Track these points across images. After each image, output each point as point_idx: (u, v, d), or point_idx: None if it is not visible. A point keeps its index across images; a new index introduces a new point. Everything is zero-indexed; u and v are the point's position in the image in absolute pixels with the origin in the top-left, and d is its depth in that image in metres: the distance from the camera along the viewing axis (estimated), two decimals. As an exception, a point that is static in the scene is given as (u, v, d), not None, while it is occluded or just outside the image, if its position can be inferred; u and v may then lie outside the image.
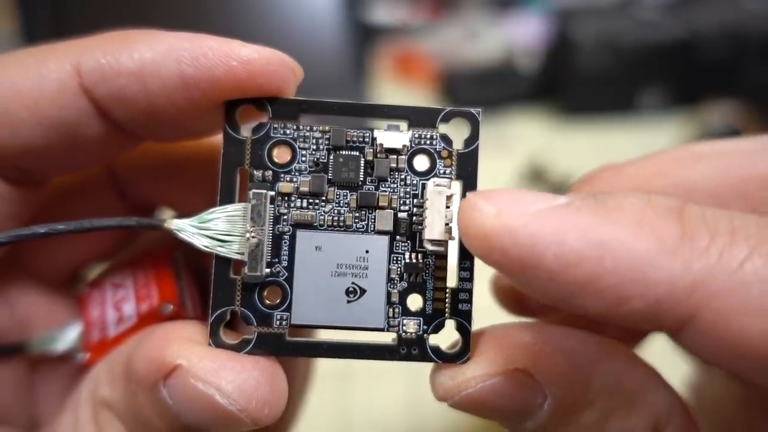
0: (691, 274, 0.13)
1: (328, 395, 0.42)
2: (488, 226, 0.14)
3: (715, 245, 0.13)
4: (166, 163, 0.22)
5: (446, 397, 0.17)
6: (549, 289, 0.14)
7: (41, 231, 0.17)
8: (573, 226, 0.13)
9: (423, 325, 0.17)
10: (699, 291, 0.13)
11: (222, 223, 0.17)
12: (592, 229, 0.13)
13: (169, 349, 0.16)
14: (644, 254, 0.13)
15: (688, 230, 0.13)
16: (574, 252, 0.13)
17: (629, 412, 0.16)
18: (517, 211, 0.14)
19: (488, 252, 0.14)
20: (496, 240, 0.14)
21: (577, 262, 0.13)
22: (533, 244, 0.13)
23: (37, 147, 0.17)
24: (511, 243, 0.14)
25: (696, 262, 0.13)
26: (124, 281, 0.22)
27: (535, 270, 0.14)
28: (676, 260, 0.13)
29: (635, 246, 0.13)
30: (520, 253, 0.14)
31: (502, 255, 0.14)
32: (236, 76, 0.17)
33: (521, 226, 0.14)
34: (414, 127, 0.18)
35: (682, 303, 0.13)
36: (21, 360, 0.21)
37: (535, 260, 0.13)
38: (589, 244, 0.13)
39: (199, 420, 0.16)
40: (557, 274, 0.13)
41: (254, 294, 0.17)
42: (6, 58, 0.17)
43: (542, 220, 0.14)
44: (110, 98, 0.17)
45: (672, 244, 0.13)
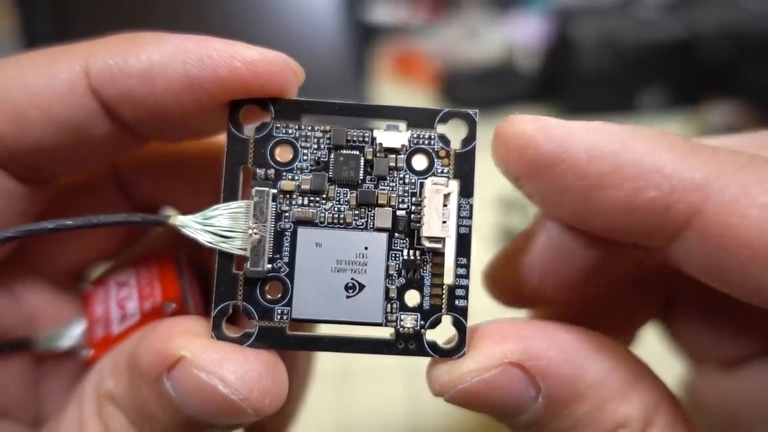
0: (699, 172, 0.15)
1: (328, 395, 0.42)
2: (526, 127, 0.16)
3: (719, 156, 0.15)
4: (170, 163, 0.23)
5: (442, 391, 0.17)
6: (572, 185, 0.16)
7: (50, 226, 0.18)
8: (600, 129, 0.16)
9: (420, 321, 0.18)
10: (706, 186, 0.15)
11: (225, 219, 0.18)
12: (618, 133, 0.16)
13: (172, 341, 0.16)
14: (661, 154, 0.15)
15: (696, 147, 0.15)
16: (602, 146, 0.15)
17: (621, 404, 0.17)
18: (551, 119, 0.16)
19: (523, 149, 0.16)
20: (531, 136, 0.16)
21: (603, 155, 0.15)
22: (565, 138, 0.16)
23: (46, 145, 0.18)
24: (545, 139, 0.16)
25: (704, 165, 0.15)
26: (128, 280, 0.22)
27: (564, 164, 0.16)
28: (688, 161, 0.15)
29: (654, 147, 0.15)
30: (552, 148, 0.16)
31: (536, 150, 0.16)
32: (240, 77, 0.17)
33: (555, 125, 0.16)
34: (413, 128, 0.18)
35: (691, 195, 0.15)
36: (27, 355, 0.22)
37: (566, 153, 0.16)
38: (615, 142, 0.15)
39: (202, 411, 0.16)
40: (585, 165, 0.15)
41: (256, 289, 0.18)
42: (18, 59, 0.18)
43: (575, 123, 0.16)
44: (118, 98, 0.17)
45: (683, 152, 0.15)
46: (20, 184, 0.19)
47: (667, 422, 0.17)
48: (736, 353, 0.24)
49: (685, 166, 0.15)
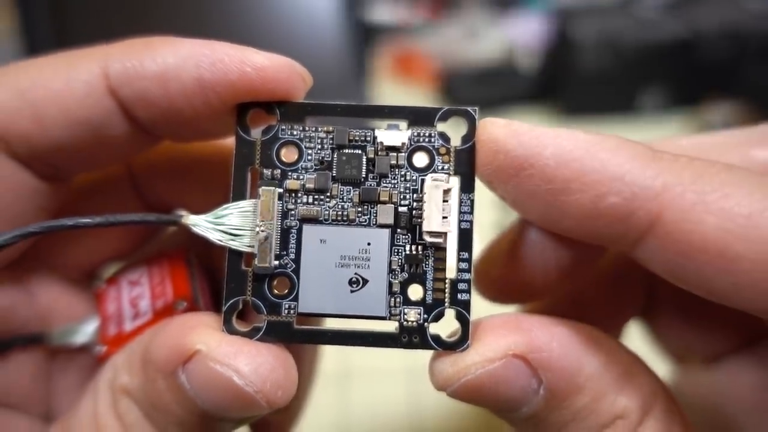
0: (659, 180, 0.16)
1: (328, 395, 0.42)
2: (499, 131, 0.17)
3: (679, 164, 0.16)
4: (181, 165, 0.23)
5: (446, 384, 0.17)
6: (540, 189, 0.17)
7: (69, 223, 0.18)
8: (568, 136, 0.16)
9: (423, 314, 0.18)
10: (665, 193, 0.15)
11: (234, 218, 0.18)
12: (584, 141, 0.16)
13: (188, 336, 0.17)
14: (624, 161, 0.16)
15: (658, 155, 0.16)
16: (567, 152, 0.16)
17: (619, 395, 0.17)
18: (525, 125, 0.17)
19: (494, 154, 0.17)
20: (503, 142, 0.17)
21: (569, 161, 0.16)
22: (534, 144, 0.16)
23: (65, 144, 0.19)
24: (515, 145, 0.17)
25: (664, 171, 0.16)
26: (140, 279, 0.23)
27: (532, 168, 0.16)
28: (649, 169, 0.16)
29: (617, 156, 0.16)
30: (522, 153, 0.17)
31: (506, 156, 0.17)
32: (249, 81, 0.18)
33: (526, 131, 0.17)
34: (413, 126, 0.19)
35: (651, 202, 0.15)
36: (40, 351, 0.22)
37: (534, 158, 0.16)
38: (580, 149, 0.16)
39: (217, 403, 0.17)
40: (551, 170, 0.16)
41: (264, 284, 0.18)
42: (38, 62, 0.19)
43: (544, 129, 0.17)
44: (134, 99, 0.18)
45: (646, 159, 0.16)
46: (40, 181, 0.20)
47: (663, 413, 0.17)
48: (715, 349, 0.24)
49: (645, 173, 0.16)
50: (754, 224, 0.14)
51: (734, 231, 0.14)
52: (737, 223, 0.14)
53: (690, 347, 0.25)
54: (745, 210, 0.14)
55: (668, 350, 0.27)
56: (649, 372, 0.18)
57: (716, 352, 0.24)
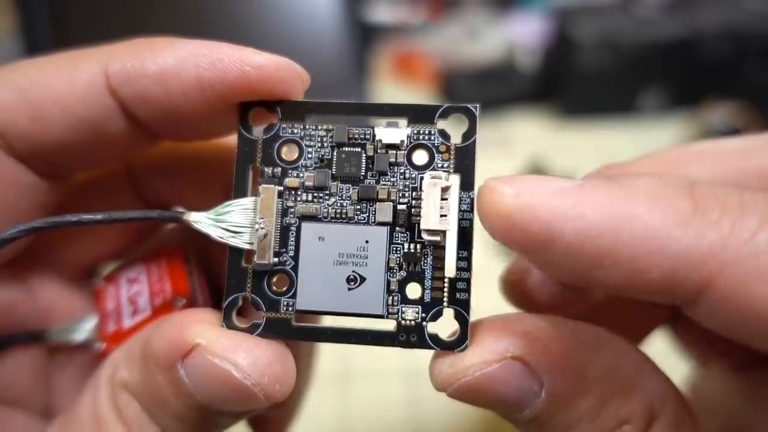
0: (704, 244, 0.13)
1: (328, 395, 0.42)
2: (509, 206, 0.15)
3: (726, 217, 0.14)
4: (180, 163, 0.24)
5: (445, 385, 0.17)
6: (568, 264, 0.14)
7: (72, 219, 0.18)
8: (590, 201, 0.14)
9: (422, 313, 0.18)
10: (713, 260, 0.13)
11: (236, 215, 0.19)
12: (609, 204, 0.14)
13: (187, 330, 0.17)
14: (659, 226, 0.14)
15: (701, 204, 0.14)
16: (592, 226, 0.14)
17: (625, 399, 0.16)
18: (535, 190, 0.15)
19: (509, 231, 0.15)
20: (517, 218, 0.14)
21: (595, 235, 0.14)
22: (553, 219, 0.14)
23: (66, 142, 0.19)
24: (531, 220, 0.14)
25: (709, 232, 0.13)
26: (139, 276, 0.23)
27: (554, 245, 0.14)
28: (690, 231, 0.14)
29: (651, 219, 0.14)
30: (540, 229, 0.14)
31: (523, 233, 0.15)
32: (249, 81, 0.18)
33: (541, 203, 0.14)
34: (413, 124, 0.19)
35: (696, 272, 0.13)
36: (40, 348, 0.22)
37: (555, 235, 0.14)
38: (607, 218, 0.14)
39: (215, 396, 0.17)
40: (576, 247, 0.14)
41: (263, 281, 0.18)
42: (40, 61, 0.19)
43: (560, 198, 0.14)
44: (134, 98, 0.18)
45: (685, 216, 0.14)
46: (40, 179, 0.20)
47: (673, 418, 0.17)
48: (743, 357, 0.24)
49: (687, 238, 0.13)
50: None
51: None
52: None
53: (715, 355, 0.25)
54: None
55: (692, 355, 0.26)
56: (659, 375, 0.17)
57: (742, 361, 0.24)
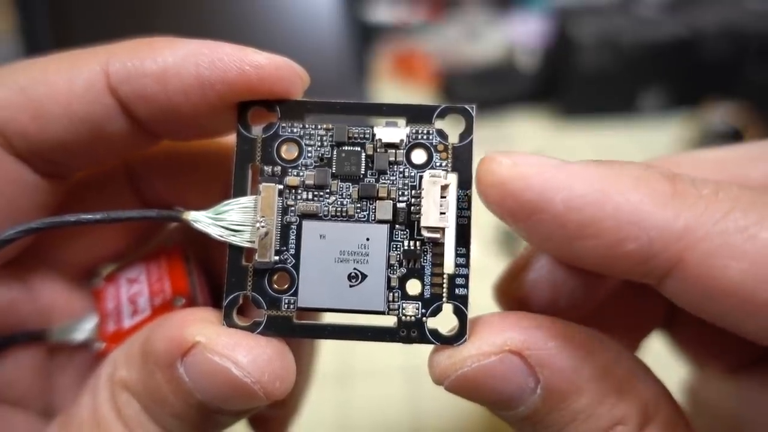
0: (680, 222, 0.14)
1: (328, 395, 0.42)
2: (504, 174, 0.16)
3: (701, 201, 0.15)
4: (180, 163, 0.24)
5: (443, 377, 0.17)
6: (554, 233, 0.16)
7: (71, 219, 0.18)
8: (580, 176, 0.15)
9: (422, 309, 0.18)
10: (687, 236, 0.14)
11: (235, 214, 0.19)
12: (597, 181, 0.15)
13: (187, 328, 0.17)
14: (639, 203, 0.15)
15: (679, 189, 0.15)
16: (579, 197, 0.15)
17: (619, 400, 0.17)
18: (530, 162, 0.16)
19: (502, 198, 0.16)
20: (510, 185, 0.16)
21: (581, 206, 0.15)
22: (545, 189, 0.15)
23: (66, 141, 0.19)
24: (524, 187, 0.15)
25: (685, 212, 0.15)
26: (138, 276, 0.23)
27: (544, 213, 0.15)
28: (668, 209, 0.15)
29: (632, 196, 0.15)
30: (531, 197, 0.15)
31: (514, 200, 0.16)
32: (248, 80, 0.18)
33: (535, 173, 0.15)
34: (412, 124, 0.19)
35: (671, 246, 0.14)
36: (40, 348, 0.23)
37: (545, 203, 0.15)
38: (593, 191, 0.15)
39: (215, 394, 0.17)
40: (563, 216, 0.15)
41: (264, 280, 0.18)
42: (40, 61, 0.19)
43: (553, 170, 0.15)
44: (134, 97, 0.18)
45: (664, 197, 0.15)
46: (40, 178, 0.20)
47: (666, 421, 0.17)
48: (737, 359, 0.24)
49: (665, 215, 0.15)
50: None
51: (759, 278, 0.14)
52: (763, 270, 0.14)
53: (712, 357, 0.25)
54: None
55: (689, 358, 0.27)
56: (653, 378, 0.18)
57: (738, 362, 0.24)
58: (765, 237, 0.14)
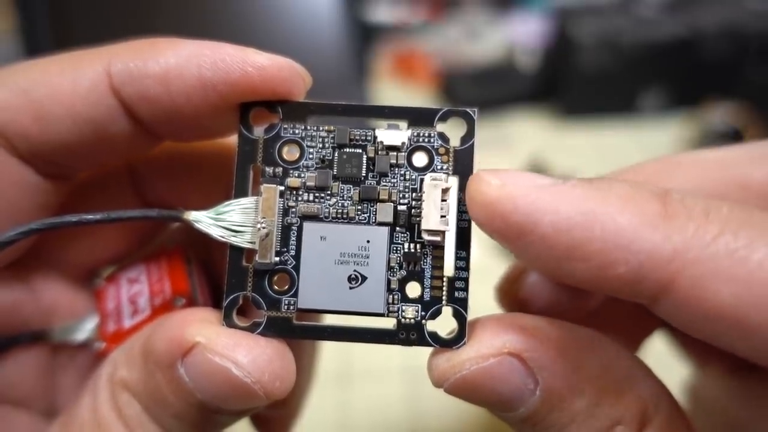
0: (670, 245, 0.14)
1: (328, 395, 0.42)
2: (493, 195, 0.16)
3: (691, 222, 0.15)
4: (182, 164, 0.24)
5: (442, 379, 0.17)
6: (542, 254, 0.15)
7: (73, 220, 0.18)
8: (567, 198, 0.15)
9: (421, 312, 0.18)
10: (676, 259, 0.14)
11: (236, 215, 0.19)
12: (583, 202, 0.15)
13: (187, 329, 0.17)
14: (628, 225, 0.15)
15: (669, 210, 0.15)
16: (567, 219, 0.15)
17: (618, 400, 0.17)
18: (518, 183, 0.16)
19: (491, 218, 0.16)
20: (499, 207, 0.16)
21: (569, 228, 0.15)
22: (532, 211, 0.15)
23: (69, 142, 0.19)
24: (512, 209, 0.15)
25: (675, 235, 0.14)
26: (139, 276, 0.23)
27: (531, 235, 0.15)
28: (657, 232, 0.14)
29: (620, 218, 0.15)
30: (519, 219, 0.15)
31: (503, 221, 0.16)
32: (250, 81, 0.18)
33: (522, 195, 0.15)
34: (413, 126, 0.19)
35: (661, 269, 0.14)
36: (42, 348, 0.23)
37: (532, 225, 0.15)
38: (580, 214, 0.15)
39: (215, 394, 0.17)
40: (551, 238, 0.15)
41: (264, 280, 0.19)
42: (42, 61, 0.19)
43: (540, 192, 0.15)
44: (137, 98, 0.18)
45: (654, 219, 0.15)
46: (42, 179, 0.20)
47: (666, 420, 0.17)
48: (738, 359, 0.24)
49: (654, 238, 0.14)
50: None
51: (750, 301, 0.14)
52: (754, 293, 0.14)
53: (712, 357, 0.25)
54: (765, 276, 0.14)
55: (690, 358, 0.27)
56: (652, 377, 0.18)
57: (739, 362, 0.24)
58: (756, 259, 0.14)
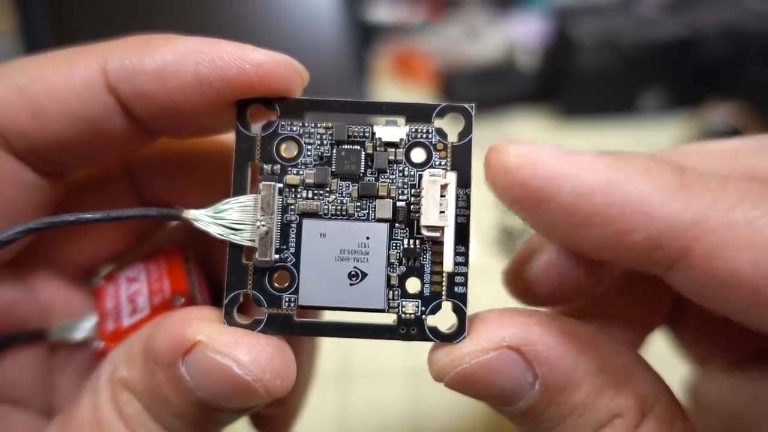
0: (688, 213, 0.15)
1: (328, 395, 0.42)
2: (513, 162, 0.16)
3: (709, 193, 0.15)
4: (179, 162, 0.24)
5: (442, 373, 0.17)
6: (562, 221, 0.16)
7: (70, 219, 0.18)
8: (589, 166, 0.15)
9: (421, 307, 0.18)
10: (695, 227, 0.14)
11: (235, 212, 0.19)
12: (606, 170, 0.15)
13: (188, 327, 0.17)
14: (648, 193, 0.15)
15: (687, 181, 0.15)
16: (588, 185, 0.15)
17: (616, 394, 0.17)
18: (540, 150, 0.16)
19: (510, 186, 0.16)
20: (518, 173, 0.16)
21: (589, 194, 0.15)
22: (552, 177, 0.15)
23: (65, 139, 0.19)
24: (532, 176, 0.15)
25: (693, 203, 0.15)
26: (138, 275, 0.23)
27: (551, 202, 0.15)
28: (676, 201, 0.15)
29: (642, 186, 0.15)
30: (539, 185, 0.15)
31: (523, 188, 0.16)
32: (248, 78, 0.18)
33: (543, 162, 0.15)
34: (411, 122, 0.19)
35: (680, 237, 0.15)
36: (41, 347, 0.23)
37: (553, 191, 0.15)
38: (601, 181, 0.15)
39: (217, 392, 0.17)
40: (571, 204, 0.15)
41: (264, 278, 0.19)
42: (38, 59, 0.19)
43: (562, 159, 0.15)
44: (132, 95, 0.18)
45: (673, 189, 0.15)
46: (39, 177, 0.20)
47: (664, 414, 0.17)
48: (738, 356, 0.24)
49: (672, 206, 0.15)
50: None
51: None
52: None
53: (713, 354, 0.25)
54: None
55: (691, 354, 0.27)
56: (650, 372, 0.18)
57: (739, 359, 0.24)
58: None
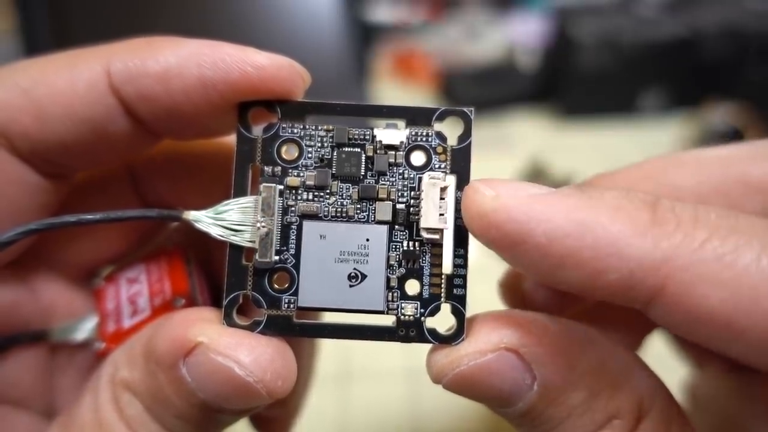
0: (659, 252, 0.15)
1: (328, 395, 0.42)
2: (487, 206, 0.16)
3: (680, 229, 0.15)
4: (182, 164, 0.24)
5: (440, 375, 0.18)
6: (536, 262, 0.16)
7: (71, 220, 0.18)
8: (560, 208, 0.15)
9: (420, 309, 0.18)
10: (666, 265, 0.15)
11: (235, 214, 0.19)
12: (576, 211, 0.15)
13: (189, 329, 0.17)
14: (619, 233, 0.15)
15: (658, 217, 0.15)
16: (559, 228, 0.15)
17: (614, 395, 0.17)
18: (512, 194, 0.16)
19: (486, 228, 0.16)
20: (493, 217, 0.16)
21: (561, 237, 0.15)
22: (525, 220, 0.15)
23: (68, 141, 0.19)
24: (506, 219, 0.16)
25: (663, 242, 0.15)
26: (138, 276, 0.23)
27: (525, 244, 0.16)
28: (647, 240, 0.15)
29: (612, 226, 0.15)
30: (513, 229, 0.16)
31: (498, 231, 0.16)
32: (250, 80, 0.18)
33: (515, 205, 0.16)
34: (411, 126, 0.19)
35: (651, 276, 0.15)
36: (42, 348, 0.23)
37: (526, 235, 0.15)
38: (572, 223, 0.15)
39: (218, 393, 0.17)
40: (544, 247, 0.15)
41: (264, 279, 0.19)
42: (41, 60, 0.19)
43: (534, 202, 0.16)
44: (136, 97, 0.18)
45: (643, 227, 0.15)
46: (42, 178, 0.20)
47: (662, 414, 0.17)
48: None
49: (642, 245, 0.15)
50: (757, 297, 0.14)
51: (738, 305, 0.14)
52: (741, 297, 0.14)
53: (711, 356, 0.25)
54: (751, 281, 0.14)
55: (689, 357, 0.27)
56: (648, 372, 0.18)
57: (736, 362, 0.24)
58: (742, 264, 0.14)
